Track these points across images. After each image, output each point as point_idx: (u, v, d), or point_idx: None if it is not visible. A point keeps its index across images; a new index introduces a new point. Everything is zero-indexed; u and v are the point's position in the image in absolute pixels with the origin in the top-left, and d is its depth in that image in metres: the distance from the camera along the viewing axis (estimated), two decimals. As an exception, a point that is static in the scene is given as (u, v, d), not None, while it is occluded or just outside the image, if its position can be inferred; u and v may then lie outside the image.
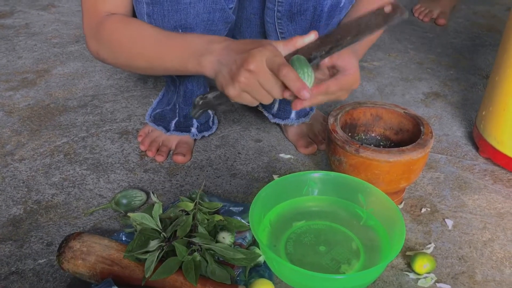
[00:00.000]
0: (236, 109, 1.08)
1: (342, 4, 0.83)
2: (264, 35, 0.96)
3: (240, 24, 0.93)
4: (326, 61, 0.68)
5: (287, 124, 0.98)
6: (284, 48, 0.66)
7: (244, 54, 0.63)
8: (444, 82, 1.22)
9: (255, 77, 0.62)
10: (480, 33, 1.48)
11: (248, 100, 0.65)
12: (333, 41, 0.64)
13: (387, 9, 0.61)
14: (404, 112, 0.84)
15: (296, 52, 0.66)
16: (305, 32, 0.86)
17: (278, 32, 0.90)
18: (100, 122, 1.02)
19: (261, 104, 0.86)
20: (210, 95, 0.70)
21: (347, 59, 0.68)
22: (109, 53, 0.81)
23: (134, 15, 0.83)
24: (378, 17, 0.60)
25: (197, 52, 0.70)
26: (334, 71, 0.69)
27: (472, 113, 1.08)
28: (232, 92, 0.64)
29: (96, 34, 0.81)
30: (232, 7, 0.83)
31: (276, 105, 0.97)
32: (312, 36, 0.66)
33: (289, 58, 0.65)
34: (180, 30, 0.80)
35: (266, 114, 0.99)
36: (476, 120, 0.97)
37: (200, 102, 0.70)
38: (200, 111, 0.71)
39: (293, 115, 0.97)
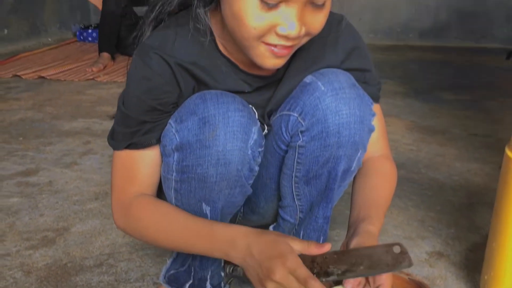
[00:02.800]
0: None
1: (353, 168, 0.93)
2: (278, 197, 1.04)
3: (255, 188, 1.01)
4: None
5: None
6: (301, 250, 0.75)
7: (267, 263, 0.73)
8: (446, 241, 1.26)
9: (282, 286, 0.72)
10: (476, 191, 1.56)
11: None
12: (348, 263, 0.75)
13: (396, 249, 0.73)
14: (408, 278, 0.88)
15: (314, 258, 0.75)
16: (320, 193, 0.95)
17: (294, 194, 0.98)
18: (115, 282, 1.06)
19: None
20: (240, 269, 0.79)
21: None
22: (136, 234, 0.89)
23: (160, 188, 0.92)
24: (387, 255, 0.72)
25: (223, 247, 0.80)
26: None
27: (476, 274, 1.11)
28: None
29: (124, 214, 0.89)
30: (250, 183, 0.92)
31: None
32: (327, 247, 0.75)
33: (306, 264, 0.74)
34: (204, 203, 0.88)
35: None
36: (480, 283, 1.00)
37: (232, 273, 0.78)
38: (231, 278, 0.79)
39: None
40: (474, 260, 1.18)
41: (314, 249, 0.75)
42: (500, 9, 4.14)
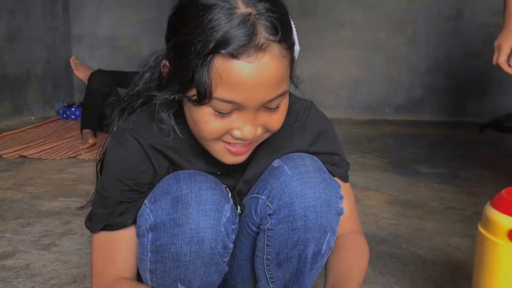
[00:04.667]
0: None
1: (323, 251, 0.94)
2: (254, 278, 1.04)
3: (232, 269, 1.02)
4: None
5: None
6: None
7: None
8: (429, 318, 1.26)
9: None
10: (457, 266, 1.57)
11: None
12: None
13: None
14: None
15: None
16: (292, 276, 0.95)
17: (268, 277, 0.99)
18: None
19: None
20: None
21: None
22: None
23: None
24: None
25: None
26: None
27: None
28: None
29: None
30: (226, 261, 0.92)
31: None
32: None
33: None
34: (179, 284, 0.88)
35: None
36: None
37: None
38: None
39: None
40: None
41: None
42: (471, 85, 4.34)
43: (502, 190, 0.92)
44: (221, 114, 0.80)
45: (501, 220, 0.88)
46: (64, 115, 4.18)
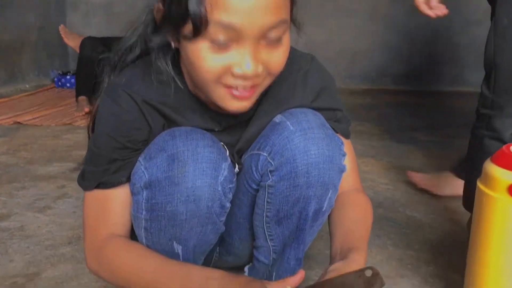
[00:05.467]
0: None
1: (324, 209, 0.92)
2: (252, 236, 1.02)
3: (229, 227, 1.01)
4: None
5: None
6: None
7: None
8: (425, 278, 1.25)
9: None
10: (454, 229, 1.57)
11: None
12: None
13: (368, 273, 0.72)
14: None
15: None
16: (292, 234, 0.94)
17: (266, 235, 0.97)
18: (86, 328, 1.02)
19: None
20: None
21: None
22: (109, 276, 0.87)
23: (133, 229, 0.90)
24: (360, 280, 0.72)
25: (197, 285, 0.77)
26: None
27: (455, 311, 1.10)
28: None
29: (97, 257, 0.87)
30: (222, 220, 0.91)
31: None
32: (301, 274, 0.75)
33: None
34: (175, 242, 0.86)
35: None
36: (459, 319, 0.98)
37: None
38: None
39: None
40: (453, 297, 1.17)
41: (289, 281, 0.74)
42: (471, 53, 4.29)
43: (503, 146, 0.91)
44: (218, 45, 0.75)
45: (501, 175, 0.86)
46: (59, 83, 4.14)
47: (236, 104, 0.81)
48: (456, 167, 1.81)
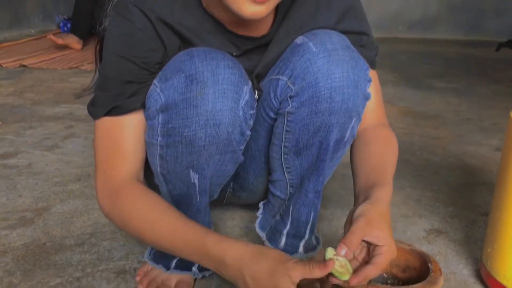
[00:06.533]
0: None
1: (346, 138, 0.86)
2: (268, 171, 0.97)
3: (244, 161, 0.94)
4: (355, 240, 0.70)
5: None
6: (303, 275, 0.67)
7: None
8: (444, 218, 1.22)
9: None
10: (473, 172, 1.52)
11: None
12: None
13: None
14: (410, 248, 0.83)
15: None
16: (311, 166, 0.88)
17: (284, 167, 0.92)
18: (97, 261, 0.99)
19: (267, 238, 0.84)
20: None
21: (379, 234, 0.71)
22: (120, 223, 0.84)
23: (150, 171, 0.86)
24: None
25: (213, 261, 0.74)
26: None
27: (476, 250, 1.07)
28: None
29: (111, 199, 0.83)
30: (241, 149, 0.85)
31: (283, 239, 0.95)
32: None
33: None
34: (191, 170, 0.81)
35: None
36: (482, 257, 0.95)
37: None
38: None
39: (300, 249, 0.94)
40: (473, 237, 1.13)
41: (317, 272, 0.67)
42: (490, 1, 4.13)
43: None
44: None
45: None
46: (65, 28, 4.02)
47: (252, 8, 0.73)
48: None
